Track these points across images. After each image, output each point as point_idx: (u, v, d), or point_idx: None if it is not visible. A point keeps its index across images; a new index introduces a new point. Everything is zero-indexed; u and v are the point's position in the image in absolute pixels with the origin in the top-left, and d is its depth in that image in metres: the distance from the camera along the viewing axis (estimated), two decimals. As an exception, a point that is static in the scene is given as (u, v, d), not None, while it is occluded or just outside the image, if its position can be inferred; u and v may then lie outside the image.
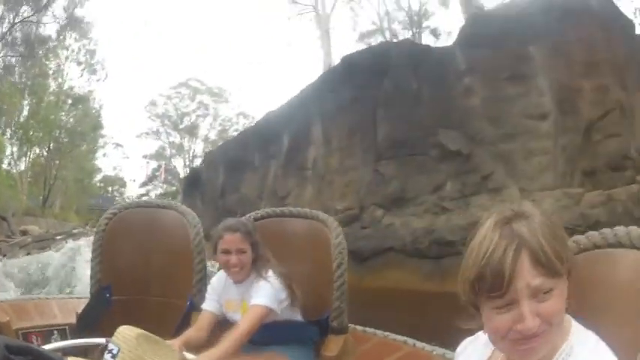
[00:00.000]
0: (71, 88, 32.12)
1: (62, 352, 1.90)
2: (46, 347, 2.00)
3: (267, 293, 2.44)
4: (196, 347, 2.41)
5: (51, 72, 30.41)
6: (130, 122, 78.47)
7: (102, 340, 2.05)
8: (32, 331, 3.18)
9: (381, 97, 7.75)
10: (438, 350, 2.55)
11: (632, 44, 6.67)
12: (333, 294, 2.72)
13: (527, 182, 6.36)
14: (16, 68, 28.87)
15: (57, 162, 31.21)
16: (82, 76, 32.09)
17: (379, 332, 2.99)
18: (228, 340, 2.30)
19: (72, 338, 2.67)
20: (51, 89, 30.97)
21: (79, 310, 3.14)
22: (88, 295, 3.38)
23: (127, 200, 40.52)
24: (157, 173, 41.18)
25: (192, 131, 39.45)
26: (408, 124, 7.21)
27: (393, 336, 2.90)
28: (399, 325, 3.17)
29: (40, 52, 28.85)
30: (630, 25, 7.33)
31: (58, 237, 23.59)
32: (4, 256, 17.00)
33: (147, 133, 40.23)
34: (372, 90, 7.89)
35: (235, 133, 30.15)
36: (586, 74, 6.23)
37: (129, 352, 1.73)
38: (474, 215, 6.22)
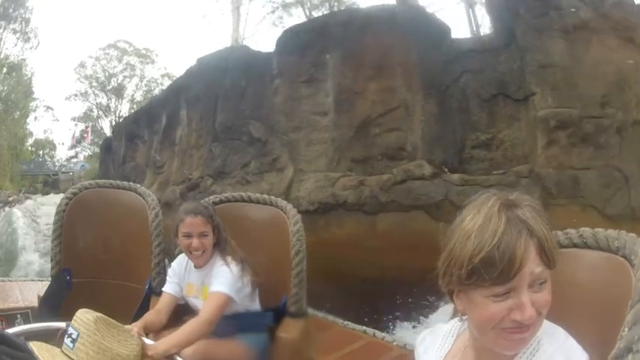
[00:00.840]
0: (6, 57, 31.83)
1: (25, 336, 1.84)
2: (9, 331, 2.00)
3: (227, 281, 2.41)
4: (155, 330, 2.43)
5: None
6: (60, 85, 76.88)
7: (62, 324, 2.01)
8: None
9: (221, 91, 8.96)
10: (399, 341, 2.59)
11: (435, 50, 7.37)
12: (291, 281, 2.69)
13: (305, 165, 7.37)
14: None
15: None
16: (16, 45, 32.07)
17: (339, 320, 3.02)
18: (190, 328, 2.27)
19: (34, 322, 2.57)
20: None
21: (41, 293, 3.12)
22: (49, 278, 3.34)
23: (57, 164, 40.82)
24: (84, 135, 40.90)
25: (119, 92, 38.50)
26: (234, 114, 8.41)
27: (352, 325, 2.93)
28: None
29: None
30: (441, 32, 7.87)
31: None
32: None
33: (75, 95, 39.66)
34: (215, 86, 9.12)
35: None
36: (374, 77, 7.15)
37: (87, 337, 1.69)
38: (264, 187, 7.28)
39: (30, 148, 41.59)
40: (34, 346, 1.63)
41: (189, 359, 2.20)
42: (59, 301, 2.95)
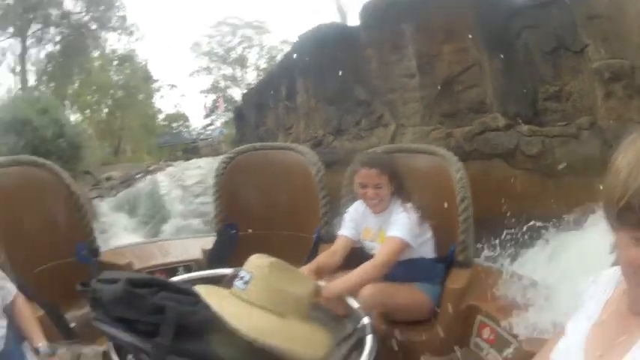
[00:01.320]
0: (113, 51, 35.01)
1: (191, 283, 1.96)
2: (173, 279, 2.20)
3: (404, 226, 2.52)
4: (328, 272, 2.58)
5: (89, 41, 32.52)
6: (180, 64, 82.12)
7: (229, 271, 2.20)
8: (155, 269, 3.37)
9: (325, 62, 10.49)
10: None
11: (495, 8, 7.89)
12: (459, 227, 2.77)
13: (405, 120, 8.47)
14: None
15: (118, 115, 33.97)
16: (119, 40, 34.72)
17: (505, 269, 2.95)
18: (364, 270, 2.41)
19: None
20: (96, 56, 33.66)
21: (205, 247, 3.37)
22: (212, 234, 3.61)
23: (194, 133, 44.14)
24: (217, 104, 43.10)
25: (242, 62, 40.47)
26: (340, 81, 9.81)
27: (516, 274, 2.86)
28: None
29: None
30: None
31: (138, 175, 27.46)
32: (101, 197, 20.86)
33: (197, 71, 42.11)
34: (320, 57, 10.65)
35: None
36: (446, 41, 7.89)
37: (260, 279, 1.78)
38: (373, 141, 8.51)
39: (162, 122, 44.44)
40: (201, 289, 1.75)
41: (367, 300, 2.33)
42: (226, 254, 3.21)
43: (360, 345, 1.81)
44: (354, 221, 2.82)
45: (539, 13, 7.66)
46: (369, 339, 1.82)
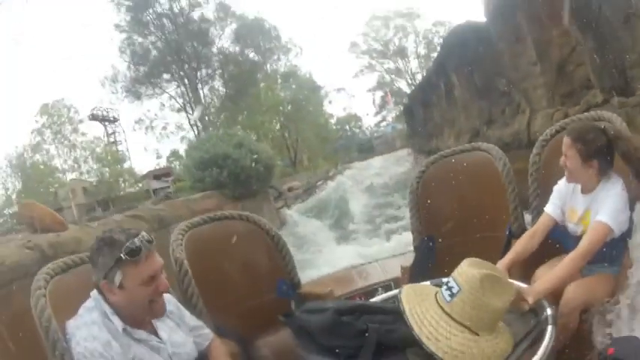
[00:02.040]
0: (275, 71, 39.73)
1: (393, 300, 2.08)
2: (375, 299, 2.47)
3: (613, 211, 2.44)
4: (525, 257, 2.69)
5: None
6: (342, 68, 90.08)
7: (427, 284, 2.27)
8: (355, 294, 3.75)
9: (469, 58, 12.43)
10: None
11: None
12: None
13: (536, 105, 9.47)
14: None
15: (290, 128, 37.15)
16: (279, 59, 39.81)
17: None
18: (571, 262, 2.40)
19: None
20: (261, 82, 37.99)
21: (404, 264, 3.57)
22: (408, 251, 3.85)
23: (367, 132, 50.34)
24: (386, 100, 45.99)
25: (401, 53, 42.96)
26: (485, 75, 11.73)
27: None
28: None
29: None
30: None
31: (318, 182, 29.21)
32: (287, 207, 22.93)
33: (361, 71, 45.48)
34: (465, 54, 12.52)
35: (440, 41, 35.85)
36: (552, 27, 8.77)
37: (469, 294, 1.79)
38: (516, 127, 10.00)
39: (335, 126, 47.07)
40: (406, 298, 1.89)
41: (571, 301, 2.39)
42: (426, 266, 3.38)
43: (540, 336, 1.85)
44: (561, 199, 2.79)
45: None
46: (549, 330, 1.86)
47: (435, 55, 34.32)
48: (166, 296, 2.14)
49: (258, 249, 3.48)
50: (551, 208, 2.78)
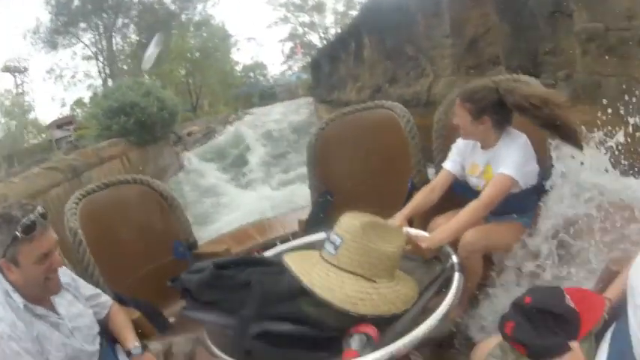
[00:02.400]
0: (190, 20, 39.13)
1: (283, 255, 1.96)
2: (266, 253, 2.45)
3: (514, 162, 2.51)
4: (424, 210, 2.77)
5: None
6: (256, 18, 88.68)
7: (323, 235, 2.25)
8: (253, 249, 3.72)
9: (385, 24, 13.12)
10: None
11: None
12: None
13: (441, 72, 10.15)
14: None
15: (195, 75, 37.26)
16: (196, 8, 39.18)
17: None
18: (472, 210, 2.46)
19: None
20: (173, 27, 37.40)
21: (301, 218, 3.59)
22: (307, 205, 3.87)
23: (271, 80, 47.45)
24: (295, 50, 46.87)
25: (319, 8, 43.40)
26: (396, 40, 12.48)
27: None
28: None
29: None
30: None
31: (218, 127, 29.40)
32: (186, 150, 23.17)
33: (275, 22, 46.09)
34: (381, 20, 13.21)
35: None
36: (473, 7, 9.35)
37: (353, 242, 1.78)
38: (418, 89, 10.88)
39: (239, 74, 47.76)
40: (290, 257, 1.86)
41: (469, 245, 2.46)
42: (323, 220, 3.35)
43: (447, 284, 1.84)
44: (461, 155, 2.85)
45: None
46: (456, 277, 1.85)
47: (353, 12, 35.10)
48: (61, 269, 2.12)
49: (153, 212, 3.46)
50: (450, 165, 2.87)
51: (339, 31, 32.68)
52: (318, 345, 1.71)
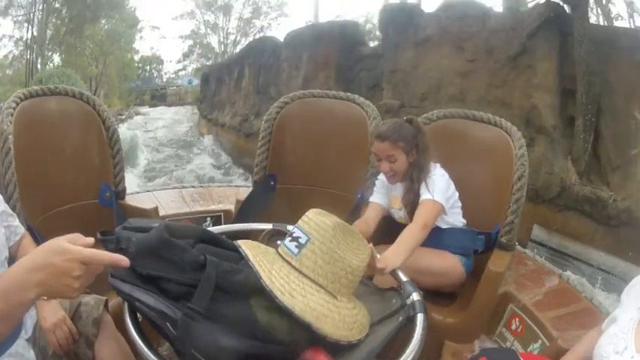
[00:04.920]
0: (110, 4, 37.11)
1: (225, 236, 1.71)
2: (211, 229, 1.99)
3: (437, 189, 2.53)
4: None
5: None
6: (167, 6, 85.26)
7: (269, 226, 2.03)
8: (182, 217, 3.41)
9: (259, 64, 16.84)
10: (588, 293, 2.63)
11: (349, 53, 13.34)
12: (509, 207, 2.75)
13: None
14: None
15: (99, 62, 36.15)
16: None
17: (538, 259, 3.11)
18: (411, 234, 2.36)
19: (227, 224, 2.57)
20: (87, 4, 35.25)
21: (240, 198, 3.36)
22: (247, 185, 3.72)
23: (166, 78, 47.19)
24: (193, 50, 45.98)
25: (226, 10, 42.42)
26: (266, 79, 15.97)
27: (549, 266, 3.01)
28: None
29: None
30: (355, 41, 13.51)
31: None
32: None
33: (182, 15, 44.51)
34: (257, 60, 16.83)
35: (267, 9, 39.92)
36: (321, 70, 13.41)
37: (321, 245, 1.49)
38: None
39: (137, 64, 45.94)
40: (246, 245, 1.51)
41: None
42: (261, 205, 3.24)
43: (408, 323, 1.59)
44: (385, 187, 2.82)
45: (373, 62, 12.12)
46: (419, 318, 1.59)
47: (256, 21, 38.37)
48: None
49: (91, 141, 3.09)
50: (377, 197, 2.81)
51: (239, 38, 35.10)
52: None
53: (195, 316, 1.33)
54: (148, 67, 49.10)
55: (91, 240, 1.17)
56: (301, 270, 1.48)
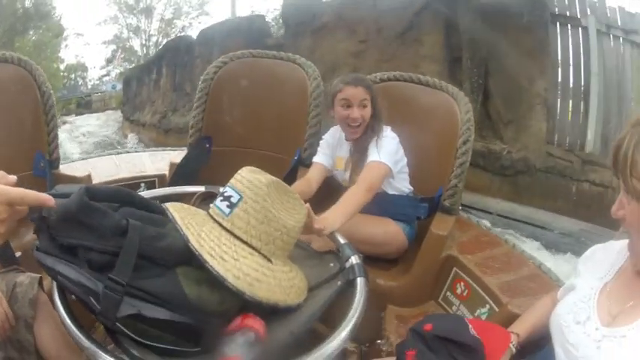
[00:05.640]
0: (28, 8, 36.46)
1: (159, 200, 1.57)
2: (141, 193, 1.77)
3: (385, 150, 2.47)
4: (305, 200, 2.05)
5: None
6: (92, 12, 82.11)
7: (201, 188, 1.94)
8: (115, 184, 3.13)
9: (175, 62, 17.37)
10: (535, 259, 2.54)
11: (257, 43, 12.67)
12: (453, 171, 2.71)
13: None
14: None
15: None
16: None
17: (483, 225, 3.03)
18: (355, 196, 2.25)
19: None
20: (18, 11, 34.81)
21: (173, 161, 3.28)
22: (183, 148, 3.55)
23: (91, 84, 46.13)
24: (115, 54, 45.19)
25: (148, 12, 41.55)
26: (181, 77, 16.39)
27: (495, 231, 2.98)
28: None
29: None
30: (262, 32, 14.29)
31: None
32: None
33: (105, 21, 43.09)
34: (174, 59, 17.28)
35: (189, 9, 38.80)
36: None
37: (254, 203, 1.40)
38: (188, 119, 15.44)
39: (62, 73, 44.23)
40: (174, 208, 1.40)
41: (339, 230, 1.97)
42: (196, 168, 3.15)
43: (348, 287, 1.55)
44: (329, 148, 2.76)
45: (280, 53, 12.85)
46: (360, 282, 1.55)
47: (177, 21, 38.32)
48: None
49: (26, 105, 2.96)
50: (321, 158, 2.75)
51: (161, 39, 35.08)
52: (192, 341, 1.27)
53: (117, 288, 1.20)
54: (73, 76, 47.42)
55: (13, 178, 1.13)
56: (233, 231, 1.39)
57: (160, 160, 3.76)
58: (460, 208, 2.87)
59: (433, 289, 2.65)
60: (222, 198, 1.44)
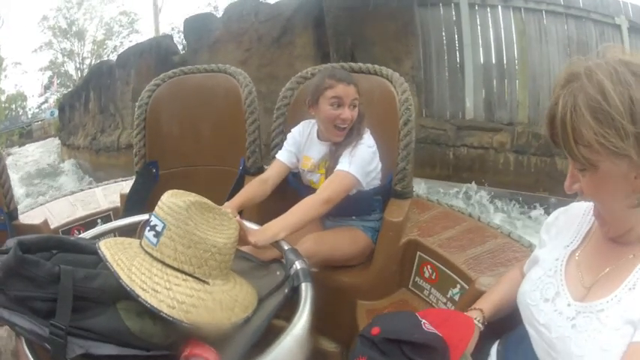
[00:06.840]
0: None
1: (103, 237, 1.65)
2: (85, 235, 1.94)
3: (359, 161, 2.32)
4: (257, 202, 2.44)
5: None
6: (27, 39, 79.72)
7: (146, 216, 1.88)
8: (73, 225, 3.31)
9: (100, 86, 18.49)
10: (503, 228, 2.53)
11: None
12: (399, 154, 2.65)
13: (127, 125, 15.38)
14: None
15: None
16: None
17: (444, 203, 2.99)
18: (305, 206, 2.14)
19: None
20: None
21: (122, 192, 3.24)
22: (131, 177, 3.49)
23: (30, 113, 45.62)
24: (52, 81, 45.43)
25: (80, 35, 42.42)
26: (103, 98, 17.69)
27: (457, 208, 2.90)
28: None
29: None
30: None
31: None
32: None
33: (41, 47, 43.98)
34: (99, 83, 18.72)
35: (120, 29, 40.57)
36: (146, 81, 15.08)
37: (177, 229, 1.43)
38: (114, 138, 16.04)
39: (4, 104, 45.01)
40: (105, 245, 1.43)
41: (308, 253, 2.06)
42: (146, 195, 3.11)
43: (294, 294, 1.56)
44: (296, 145, 2.63)
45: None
46: (304, 288, 1.56)
47: (109, 41, 38.93)
48: None
49: None
50: (284, 155, 2.62)
51: (94, 61, 34.88)
52: None
53: (59, 333, 1.25)
54: (14, 106, 47.93)
55: None
56: (163, 260, 1.41)
57: (113, 193, 3.78)
58: (413, 189, 2.78)
59: (401, 277, 2.62)
60: (149, 228, 1.46)
